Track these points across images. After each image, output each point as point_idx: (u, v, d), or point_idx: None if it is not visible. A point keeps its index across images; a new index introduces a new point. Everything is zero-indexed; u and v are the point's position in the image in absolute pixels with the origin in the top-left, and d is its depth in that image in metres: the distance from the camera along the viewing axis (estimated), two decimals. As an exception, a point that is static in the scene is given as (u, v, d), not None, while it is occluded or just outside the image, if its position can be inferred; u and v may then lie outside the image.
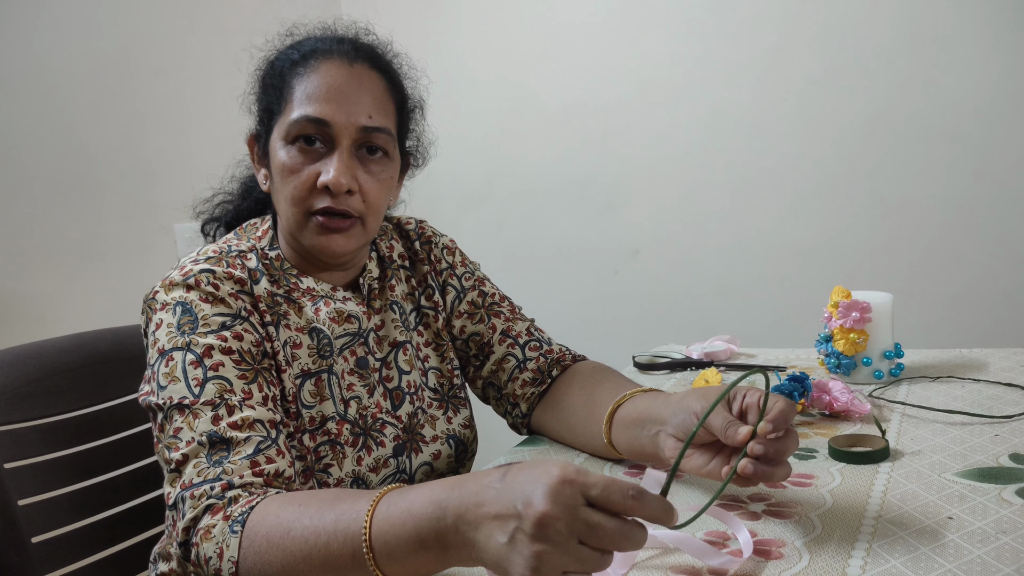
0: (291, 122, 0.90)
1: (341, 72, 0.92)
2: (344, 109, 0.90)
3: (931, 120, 2.04)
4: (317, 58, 0.92)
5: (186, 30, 2.12)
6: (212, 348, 0.83)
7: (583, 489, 0.55)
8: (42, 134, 1.80)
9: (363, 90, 0.92)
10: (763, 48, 2.18)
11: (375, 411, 0.97)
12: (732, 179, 2.27)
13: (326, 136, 0.90)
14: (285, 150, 0.91)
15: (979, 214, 2.03)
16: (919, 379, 1.25)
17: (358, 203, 0.92)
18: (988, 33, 1.96)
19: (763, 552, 0.71)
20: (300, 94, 0.91)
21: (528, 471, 0.57)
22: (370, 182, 0.93)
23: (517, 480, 0.57)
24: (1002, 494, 0.80)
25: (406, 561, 0.63)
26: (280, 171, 0.92)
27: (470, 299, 1.10)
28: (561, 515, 0.54)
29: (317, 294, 0.96)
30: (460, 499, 0.60)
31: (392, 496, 0.65)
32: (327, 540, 0.65)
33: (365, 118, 0.91)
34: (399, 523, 0.62)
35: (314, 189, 0.90)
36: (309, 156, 0.91)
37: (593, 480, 0.56)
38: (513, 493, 0.57)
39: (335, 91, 0.90)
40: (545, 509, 0.54)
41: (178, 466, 0.77)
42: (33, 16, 1.78)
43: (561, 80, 2.43)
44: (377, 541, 0.63)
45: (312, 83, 0.91)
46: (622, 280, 2.44)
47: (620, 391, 0.95)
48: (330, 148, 0.91)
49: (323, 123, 0.90)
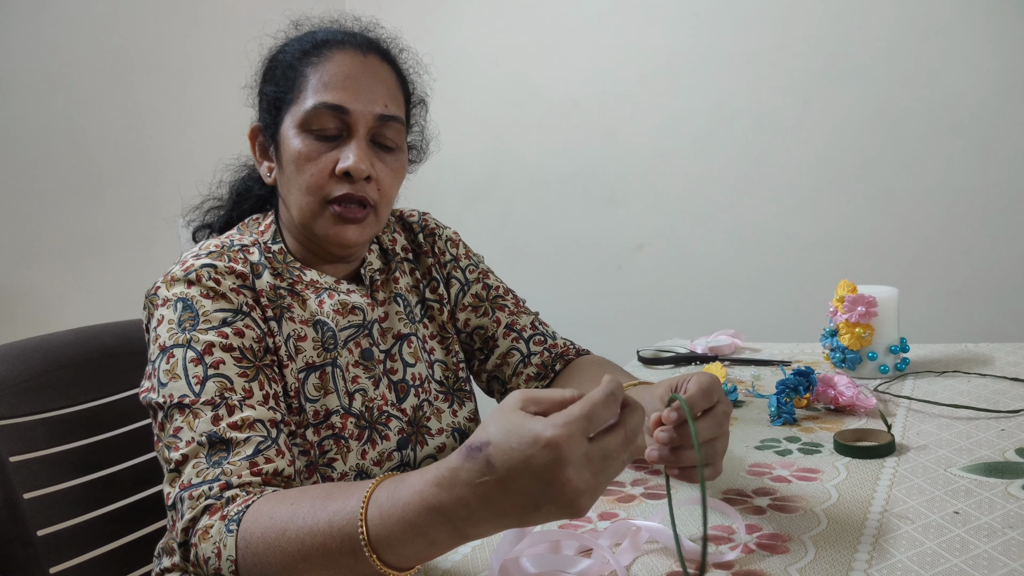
0: (307, 110, 0.90)
1: (356, 61, 0.92)
2: (361, 97, 0.90)
3: (936, 113, 2.03)
4: (330, 48, 0.92)
5: (189, 26, 2.12)
6: (213, 345, 0.82)
7: (581, 434, 0.54)
8: (46, 130, 1.80)
9: (377, 80, 0.92)
10: (767, 42, 2.17)
11: (380, 403, 0.96)
12: (736, 173, 2.26)
13: (343, 124, 0.90)
14: (300, 138, 0.91)
15: (985, 208, 2.02)
16: (925, 374, 1.24)
17: (374, 191, 0.92)
18: (992, 26, 1.95)
19: (769, 546, 0.71)
20: (316, 82, 0.90)
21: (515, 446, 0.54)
22: (384, 171, 0.93)
23: (515, 462, 0.54)
24: (1008, 488, 0.79)
25: (415, 555, 0.62)
26: (295, 159, 0.91)
27: (474, 292, 1.10)
28: (582, 471, 0.53)
29: (321, 286, 0.96)
30: (459, 502, 0.56)
31: (380, 498, 0.62)
32: (323, 540, 0.63)
33: (381, 107, 0.92)
34: (398, 529, 0.60)
35: (331, 176, 0.90)
36: (325, 144, 0.91)
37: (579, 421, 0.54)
38: (521, 478, 0.54)
39: (352, 79, 0.90)
40: (567, 477, 0.53)
41: (177, 466, 0.77)
42: (36, 13, 1.78)
43: (565, 74, 2.43)
44: (377, 542, 0.61)
45: (328, 71, 0.91)
46: (626, 275, 2.44)
47: None
48: (346, 136, 0.91)
49: (341, 110, 0.89)
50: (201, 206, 1.09)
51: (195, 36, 2.12)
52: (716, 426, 0.71)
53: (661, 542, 0.73)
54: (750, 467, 0.91)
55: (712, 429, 0.71)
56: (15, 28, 1.75)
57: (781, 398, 1.07)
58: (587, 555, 0.72)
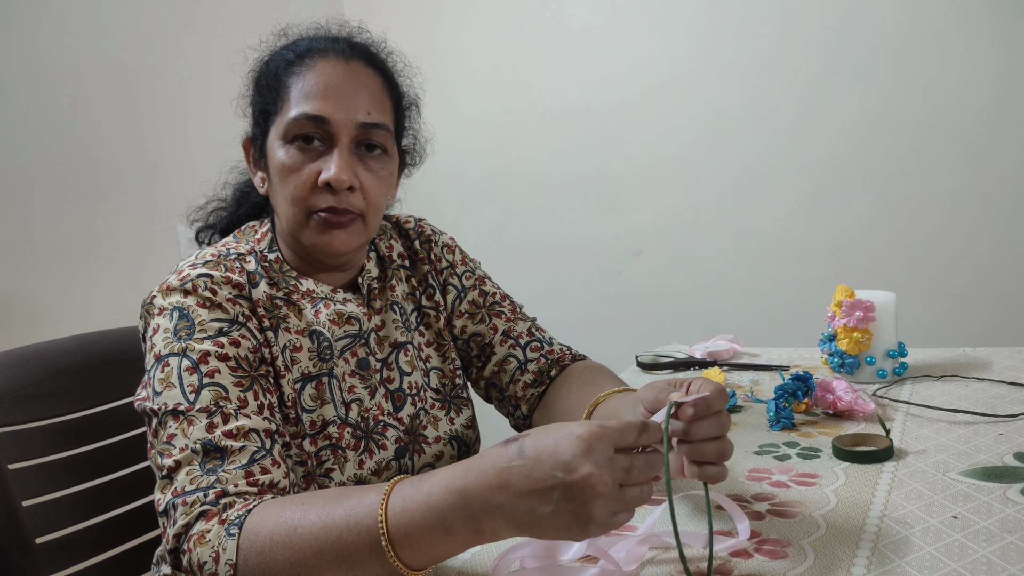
0: (289, 121, 0.90)
1: (337, 69, 0.91)
2: (342, 106, 0.90)
3: (934, 120, 2.04)
4: (312, 57, 0.92)
5: (189, 32, 2.13)
6: (208, 354, 0.82)
7: (610, 441, 0.60)
8: (46, 136, 1.80)
9: (360, 87, 0.92)
10: (766, 49, 2.18)
11: (377, 413, 0.96)
12: (735, 179, 2.26)
13: (325, 134, 0.90)
14: (284, 150, 0.91)
15: (982, 213, 2.03)
16: (923, 378, 1.24)
17: (359, 200, 0.92)
18: (990, 32, 1.96)
19: (768, 552, 0.71)
20: (297, 93, 0.90)
21: (549, 438, 0.60)
22: (370, 179, 0.92)
23: (544, 451, 0.60)
24: (1007, 493, 0.79)
25: (431, 549, 0.64)
26: (279, 171, 0.91)
27: (471, 299, 1.10)
28: (603, 471, 0.59)
29: (317, 296, 0.96)
30: (481, 484, 0.61)
31: (404, 488, 0.65)
32: (339, 535, 0.65)
33: (363, 114, 0.91)
34: (419, 515, 0.63)
35: (315, 188, 0.90)
36: (308, 155, 0.90)
37: (613, 429, 0.61)
38: (545, 464, 0.59)
39: (332, 88, 0.90)
40: (588, 471, 0.58)
41: (170, 472, 0.76)
42: (36, 19, 1.79)
43: (564, 80, 2.43)
44: (396, 533, 0.63)
45: (309, 81, 0.90)
46: (625, 280, 2.44)
47: (602, 391, 0.94)
48: (329, 146, 0.90)
49: (322, 120, 0.89)
50: (205, 206, 1.09)
51: (195, 41, 2.13)
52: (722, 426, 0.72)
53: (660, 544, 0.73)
54: (749, 472, 0.91)
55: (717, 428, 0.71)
56: (16, 33, 1.75)
57: (780, 403, 1.07)
58: (590, 562, 0.72)
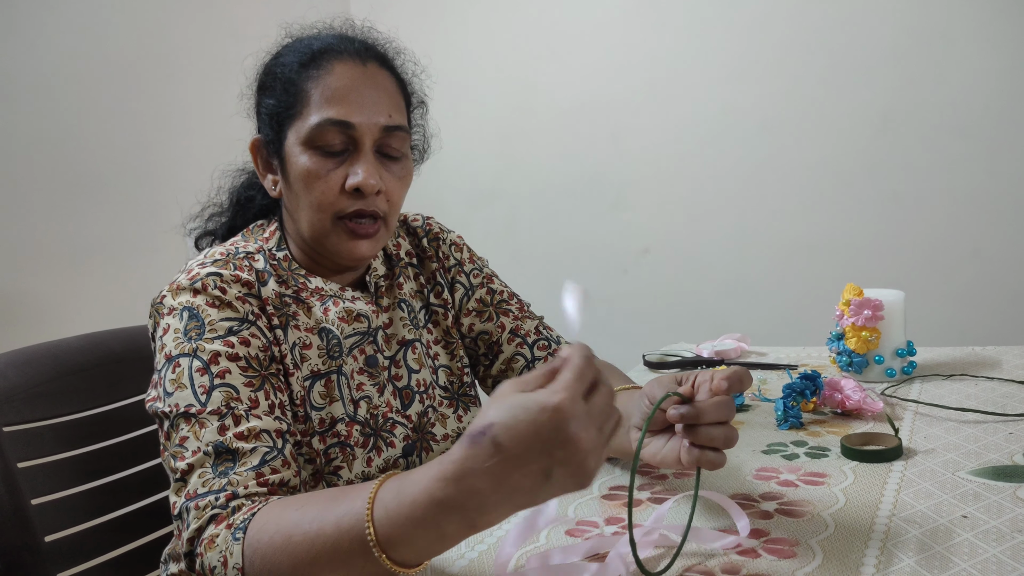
0: (312, 126, 0.89)
1: (356, 72, 0.91)
2: (365, 110, 0.89)
3: (942, 116, 2.03)
4: (328, 58, 0.91)
5: (197, 32, 2.13)
6: (219, 354, 0.82)
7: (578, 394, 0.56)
8: (52, 135, 1.81)
9: (379, 89, 0.91)
10: (772, 46, 2.17)
11: (385, 410, 0.96)
12: (742, 177, 2.26)
13: (349, 138, 0.90)
14: (307, 155, 0.90)
15: (992, 210, 2.02)
16: (932, 377, 1.24)
17: (383, 203, 0.92)
18: (997, 28, 1.95)
19: (776, 551, 0.71)
20: (317, 97, 0.89)
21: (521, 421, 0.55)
22: (392, 181, 0.93)
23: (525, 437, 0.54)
24: (1017, 492, 0.79)
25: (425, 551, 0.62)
26: (303, 177, 0.90)
27: (479, 296, 1.10)
28: (587, 429, 0.55)
29: (326, 294, 0.96)
30: (469, 491, 0.56)
31: (385, 498, 0.62)
32: (334, 542, 0.64)
33: (385, 117, 0.91)
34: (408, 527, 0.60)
35: (341, 193, 0.90)
36: (332, 160, 0.90)
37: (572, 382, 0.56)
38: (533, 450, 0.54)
39: (354, 92, 0.89)
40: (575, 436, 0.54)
41: (183, 476, 0.77)
42: (44, 18, 1.79)
43: (571, 79, 2.43)
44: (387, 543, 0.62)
45: (329, 85, 0.89)
46: (632, 279, 2.43)
47: None
48: (353, 150, 0.90)
49: (347, 125, 0.89)
50: (202, 213, 1.08)
51: (201, 42, 2.13)
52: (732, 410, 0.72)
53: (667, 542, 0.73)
54: (757, 471, 0.91)
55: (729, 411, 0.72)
56: (20, 33, 1.76)
57: (788, 402, 1.07)
58: (598, 560, 0.72)
